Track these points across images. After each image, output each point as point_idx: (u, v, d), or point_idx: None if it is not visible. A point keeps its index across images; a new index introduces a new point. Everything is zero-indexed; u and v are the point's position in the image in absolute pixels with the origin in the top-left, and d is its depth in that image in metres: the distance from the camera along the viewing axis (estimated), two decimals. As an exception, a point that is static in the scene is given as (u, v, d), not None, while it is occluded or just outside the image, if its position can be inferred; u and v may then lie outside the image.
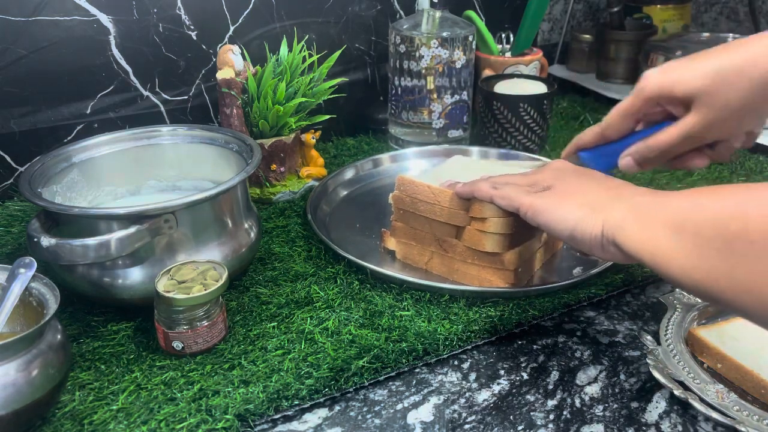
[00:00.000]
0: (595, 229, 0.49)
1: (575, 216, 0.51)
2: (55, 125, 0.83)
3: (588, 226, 0.50)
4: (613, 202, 0.50)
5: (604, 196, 0.51)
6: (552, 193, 0.55)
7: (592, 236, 0.50)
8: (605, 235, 0.48)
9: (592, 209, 0.50)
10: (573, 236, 0.51)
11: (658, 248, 0.44)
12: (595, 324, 0.62)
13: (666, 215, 0.45)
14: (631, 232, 0.47)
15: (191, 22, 0.88)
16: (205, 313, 0.55)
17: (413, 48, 0.92)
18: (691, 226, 0.43)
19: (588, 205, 0.51)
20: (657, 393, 0.53)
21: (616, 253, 0.48)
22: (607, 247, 0.49)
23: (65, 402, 0.51)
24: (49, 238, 0.53)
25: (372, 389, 0.54)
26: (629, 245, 0.46)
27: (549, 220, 0.53)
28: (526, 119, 0.92)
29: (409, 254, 0.69)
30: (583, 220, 0.50)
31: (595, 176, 0.56)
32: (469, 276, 0.65)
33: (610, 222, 0.48)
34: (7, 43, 0.77)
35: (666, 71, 0.56)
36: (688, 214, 0.43)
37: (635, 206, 0.48)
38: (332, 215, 0.80)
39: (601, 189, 0.53)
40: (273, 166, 0.83)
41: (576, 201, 0.52)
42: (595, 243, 0.50)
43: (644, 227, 0.46)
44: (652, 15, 1.31)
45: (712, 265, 0.41)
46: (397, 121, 0.99)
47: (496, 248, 0.62)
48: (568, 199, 0.53)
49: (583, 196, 0.52)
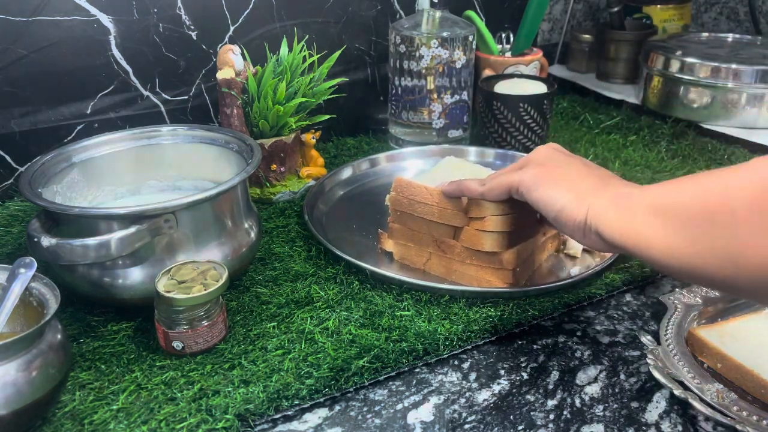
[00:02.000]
0: (579, 216, 0.50)
1: (564, 199, 0.52)
2: (55, 125, 0.83)
3: (573, 211, 0.51)
4: (599, 191, 0.51)
5: (592, 184, 0.52)
6: (544, 171, 0.55)
7: (576, 222, 0.51)
8: (588, 223, 0.50)
9: (579, 195, 0.52)
10: (558, 218, 0.52)
11: (640, 234, 0.45)
12: (595, 324, 0.62)
13: (647, 202, 0.46)
14: (613, 221, 0.48)
15: (191, 22, 0.88)
16: (205, 313, 0.55)
17: (413, 48, 0.92)
18: (672, 208, 0.44)
19: (575, 190, 0.52)
20: (657, 393, 0.53)
21: (597, 240, 0.50)
22: (588, 234, 0.50)
23: (65, 402, 0.51)
24: (49, 238, 0.53)
25: (372, 389, 0.54)
26: (611, 234, 0.48)
27: (540, 197, 0.54)
28: (526, 119, 0.92)
29: (407, 255, 0.69)
30: (569, 204, 0.51)
31: (587, 163, 0.57)
32: (468, 276, 0.65)
33: (593, 211, 0.50)
34: (7, 43, 0.77)
35: None
36: (669, 198, 0.45)
37: (618, 196, 0.49)
38: (329, 215, 0.80)
39: (591, 176, 0.54)
40: (273, 166, 0.83)
41: (565, 184, 0.53)
42: (577, 229, 0.51)
43: (626, 215, 0.47)
44: (652, 15, 1.31)
45: (693, 241, 0.41)
46: (397, 121, 0.99)
47: (494, 247, 0.62)
48: (558, 180, 0.54)
49: (572, 180, 0.53)
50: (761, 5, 1.36)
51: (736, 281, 0.40)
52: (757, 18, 1.33)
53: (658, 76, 1.09)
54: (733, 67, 1.02)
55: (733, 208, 0.39)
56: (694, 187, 0.43)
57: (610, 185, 0.52)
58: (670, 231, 0.43)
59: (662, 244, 0.44)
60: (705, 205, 0.41)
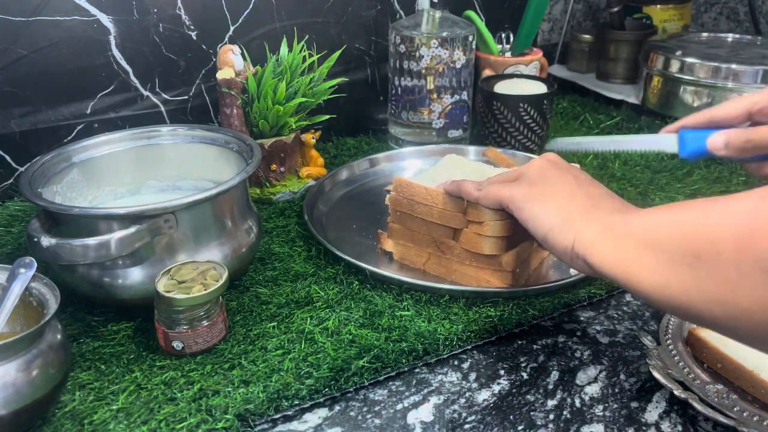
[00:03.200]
0: (567, 242, 0.50)
1: (551, 221, 0.51)
2: (55, 125, 0.83)
3: (560, 236, 0.50)
4: (589, 215, 0.50)
5: (581, 205, 0.51)
6: (534, 190, 0.55)
7: (563, 247, 0.50)
8: (575, 250, 0.49)
9: (567, 219, 0.51)
10: (545, 240, 0.52)
11: (630, 267, 0.44)
12: (595, 324, 0.62)
13: (637, 234, 0.45)
14: (602, 252, 0.47)
15: (191, 22, 0.88)
16: (205, 313, 0.55)
17: (413, 48, 0.92)
18: (660, 243, 0.43)
19: (565, 212, 0.51)
20: (657, 393, 0.53)
21: (584, 266, 0.49)
22: (575, 260, 0.49)
23: (65, 402, 0.51)
24: (49, 238, 0.53)
25: (372, 389, 0.54)
26: (601, 264, 0.47)
27: (528, 217, 0.54)
28: (526, 119, 0.92)
29: (407, 255, 0.69)
30: (557, 227, 0.51)
31: (580, 179, 0.55)
32: (467, 277, 0.65)
33: (581, 238, 0.49)
34: (7, 43, 0.77)
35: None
36: (657, 232, 0.43)
37: (608, 226, 0.48)
38: (329, 215, 0.80)
39: (581, 196, 0.52)
40: (273, 166, 0.83)
41: (555, 204, 0.52)
42: (565, 254, 0.50)
43: (616, 247, 0.46)
44: (652, 15, 1.31)
45: (681, 279, 0.40)
46: (397, 121, 0.99)
47: (494, 250, 0.62)
48: (547, 200, 0.53)
49: (562, 201, 0.52)
50: (761, 5, 1.36)
51: (727, 324, 0.39)
52: (757, 18, 1.33)
53: (658, 76, 1.10)
54: (733, 67, 1.02)
55: (719, 251, 0.38)
56: (685, 219, 0.42)
57: (599, 208, 0.50)
58: (659, 267, 0.42)
59: (651, 279, 0.42)
60: (693, 242, 0.40)
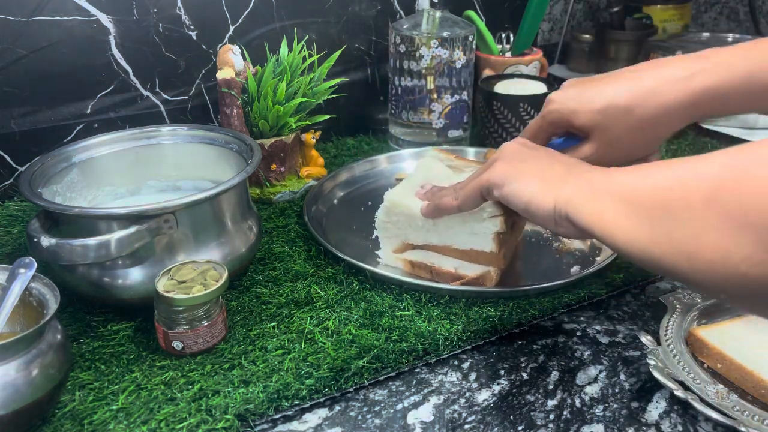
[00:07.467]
0: (548, 204, 0.50)
1: (530, 190, 0.52)
2: (55, 125, 0.83)
3: (542, 200, 0.51)
4: (566, 177, 0.51)
5: (558, 171, 0.52)
6: (511, 167, 0.55)
7: (546, 210, 0.50)
8: (557, 209, 0.49)
9: (546, 184, 0.51)
10: (528, 209, 0.52)
11: (607, 220, 0.45)
12: (595, 324, 0.62)
13: (614, 188, 0.46)
14: (582, 206, 0.48)
15: (191, 22, 0.88)
16: (205, 313, 0.55)
17: (413, 48, 0.92)
18: (635, 196, 0.44)
19: (543, 180, 0.52)
20: (657, 393, 0.53)
21: (568, 227, 0.49)
22: (560, 221, 0.50)
23: (65, 402, 0.51)
24: (49, 238, 0.53)
25: (372, 389, 0.54)
26: (580, 219, 0.47)
27: (508, 192, 0.54)
28: (526, 119, 0.92)
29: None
30: (537, 193, 0.51)
31: (550, 152, 0.57)
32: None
33: (562, 197, 0.49)
34: (7, 43, 0.77)
35: (565, 101, 0.60)
36: (633, 187, 0.45)
37: (586, 181, 0.49)
38: (329, 215, 0.80)
39: (556, 164, 0.53)
40: (273, 166, 0.83)
41: (532, 175, 0.53)
42: (548, 217, 0.51)
43: (594, 201, 0.47)
44: (652, 15, 1.31)
45: (653, 232, 0.42)
46: (397, 121, 0.99)
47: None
48: (524, 173, 0.54)
49: (539, 171, 0.53)
50: (761, 5, 1.36)
51: (692, 276, 0.40)
52: (757, 18, 1.33)
53: (658, 76, 1.09)
54: (733, 67, 1.01)
55: (690, 202, 0.39)
56: (660, 176, 0.43)
57: (576, 171, 0.51)
58: (633, 220, 0.43)
59: (625, 232, 0.44)
60: (666, 197, 0.41)
